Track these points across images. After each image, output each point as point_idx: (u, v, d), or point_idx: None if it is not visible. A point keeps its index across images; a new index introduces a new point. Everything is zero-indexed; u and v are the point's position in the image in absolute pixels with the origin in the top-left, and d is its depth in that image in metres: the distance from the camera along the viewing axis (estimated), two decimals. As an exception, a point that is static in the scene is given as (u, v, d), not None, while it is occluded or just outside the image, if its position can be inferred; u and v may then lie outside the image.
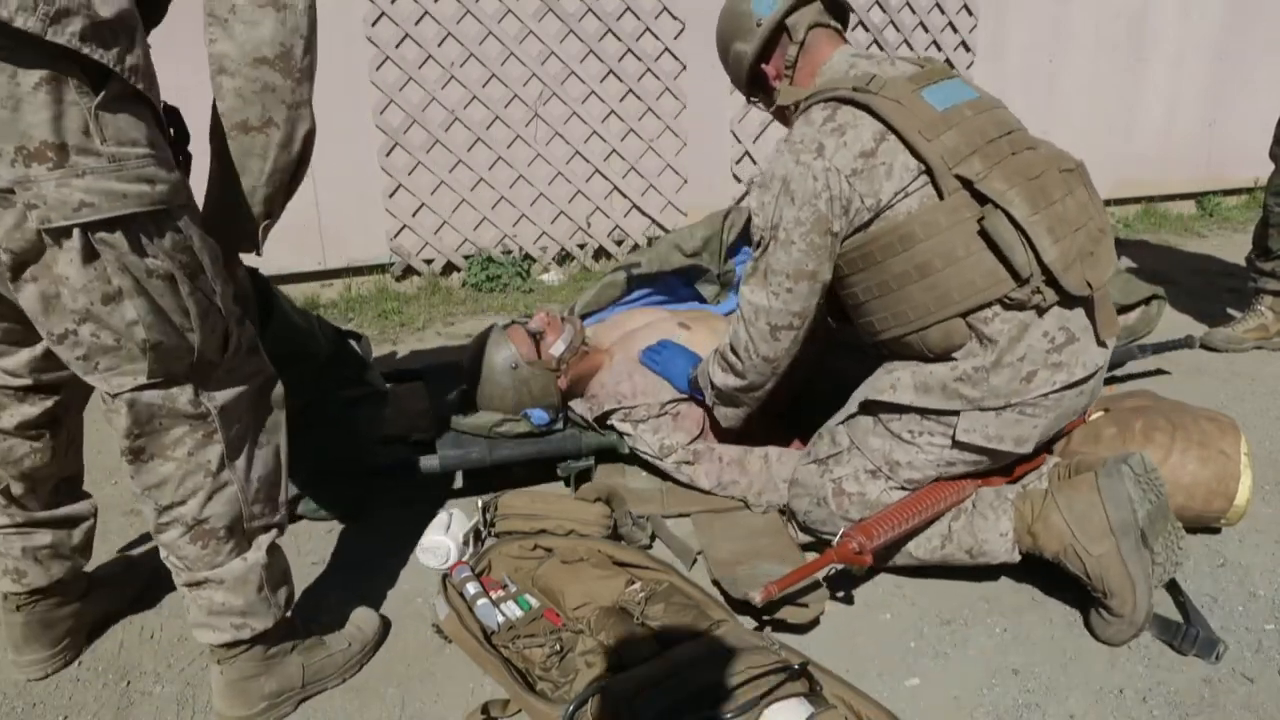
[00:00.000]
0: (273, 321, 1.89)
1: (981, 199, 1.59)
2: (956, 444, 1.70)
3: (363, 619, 1.68)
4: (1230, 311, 3.39)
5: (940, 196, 1.61)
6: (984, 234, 1.58)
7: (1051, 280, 1.59)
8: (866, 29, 4.35)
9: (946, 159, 1.60)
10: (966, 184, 1.60)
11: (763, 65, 1.87)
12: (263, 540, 1.43)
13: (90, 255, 1.10)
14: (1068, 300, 1.63)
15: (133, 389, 1.22)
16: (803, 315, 1.78)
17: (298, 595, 1.84)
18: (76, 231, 1.08)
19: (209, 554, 1.36)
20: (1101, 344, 1.69)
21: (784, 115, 1.91)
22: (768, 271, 1.75)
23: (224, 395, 1.32)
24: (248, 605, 1.41)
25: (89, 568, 1.69)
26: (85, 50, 1.03)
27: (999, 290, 1.60)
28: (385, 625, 1.71)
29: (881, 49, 4.40)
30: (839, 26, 1.88)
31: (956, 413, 1.68)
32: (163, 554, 1.40)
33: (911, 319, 1.68)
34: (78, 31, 1.01)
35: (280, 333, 1.89)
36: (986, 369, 1.64)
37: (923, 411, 1.71)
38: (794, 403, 2.28)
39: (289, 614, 1.51)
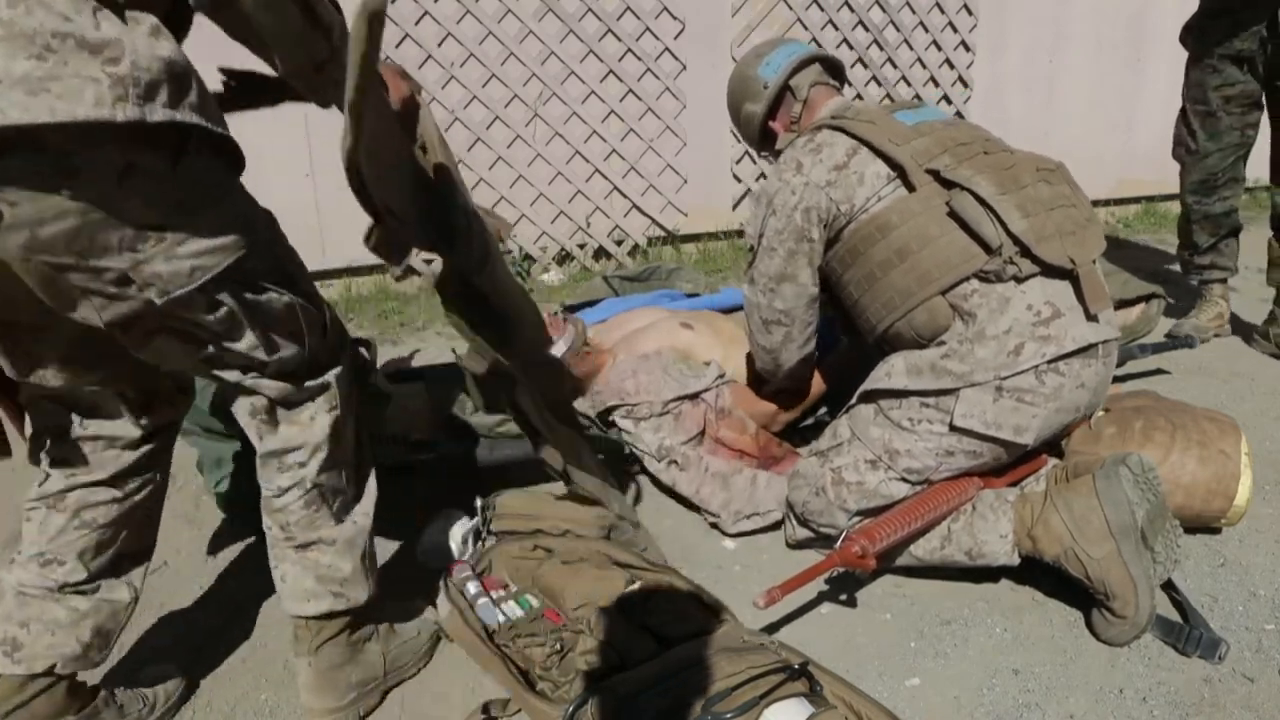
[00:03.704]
0: None
1: (950, 185, 1.71)
2: (954, 429, 1.71)
3: (425, 609, 1.70)
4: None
5: (912, 190, 1.74)
6: (954, 214, 1.69)
7: (1027, 252, 1.66)
8: (867, 28, 4.35)
9: (917, 158, 1.74)
10: (936, 175, 1.73)
11: (771, 122, 2.10)
12: (367, 508, 1.50)
13: (214, 306, 1.18)
14: (1050, 273, 1.69)
15: (255, 379, 1.32)
16: (789, 314, 1.96)
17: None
18: (196, 294, 1.15)
19: (320, 517, 1.42)
20: (1093, 319, 1.70)
21: None
22: (756, 274, 1.96)
23: (336, 370, 1.41)
24: (352, 571, 1.45)
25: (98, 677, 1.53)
26: (179, 117, 1.04)
27: (973, 265, 1.69)
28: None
29: (881, 48, 4.40)
30: (836, 84, 2.08)
31: (951, 393, 1.70)
32: (268, 524, 1.43)
33: (898, 304, 1.77)
34: (166, 100, 1.03)
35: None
36: (970, 340, 1.69)
37: (919, 394, 1.74)
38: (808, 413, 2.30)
39: (375, 592, 1.52)
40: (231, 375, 1.30)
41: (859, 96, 4.38)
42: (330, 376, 1.39)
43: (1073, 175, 1.86)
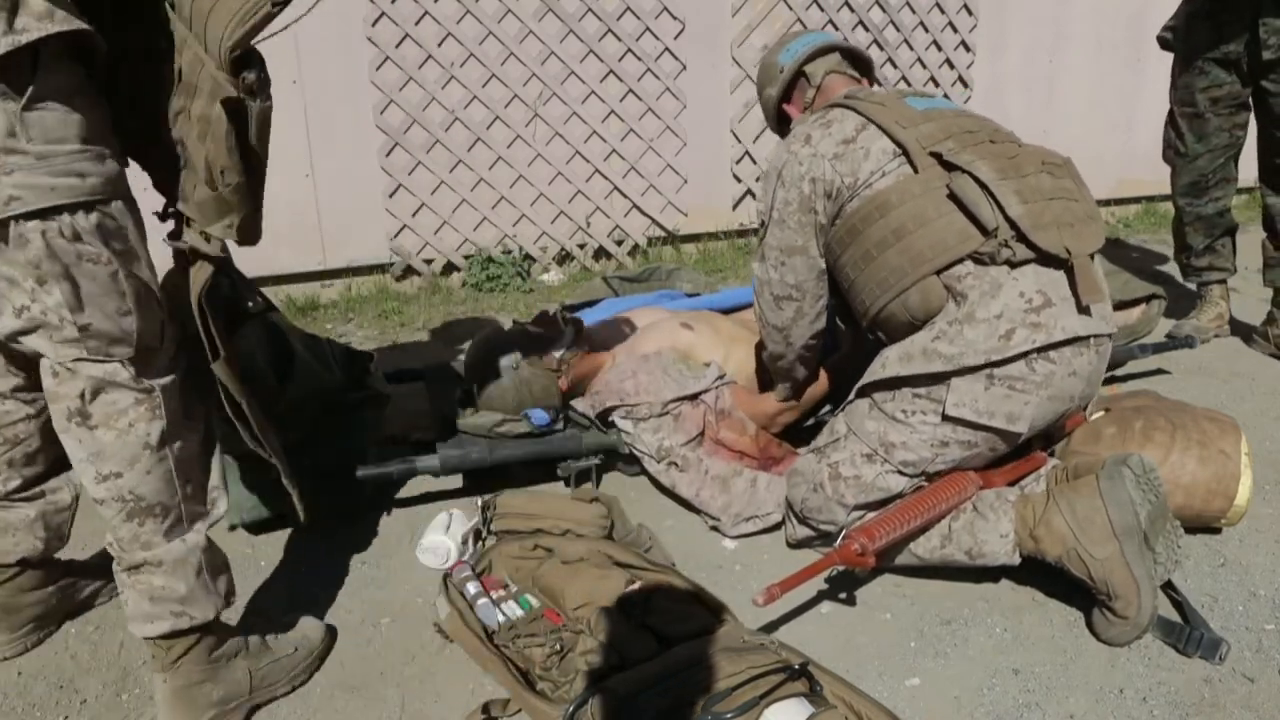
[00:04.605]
0: (295, 369, 1.95)
1: (952, 169, 1.72)
2: (947, 419, 1.72)
3: (308, 626, 1.66)
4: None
5: (915, 171, 1.75)
6: (953, 196, 1.70)
7: (1023, 238, 1.67)
8: (867, 28, 4.35)
9: (921, 141, 1.76)
10: (938, 158, 1.74)
11: (785, 105, 2.14)
12: (200, 526, 1.45)
13: (22, 242, 1.21)
14: (1045, 261, 1.69)
15: (76, 359, 1.30)
16: (800, 288, 1.94)
17: (299, 595, 1.85)
18: (11, 223, 1.20)
19: (145, 533, 1.38)
20: (1084, 311, 1.70)
21: None
22: (766, 249, 1.95)
23: (164, 379, 1.39)
24: (188, 591, 1.41)
25: (66, 555, 1.74)
26: (23, 39, 1.13)
27: (968, 246, 1.70)
28: (331, 635, 1.69)
29: (881, 48, 4.40)
30: (857, 75, 2.09)
31: (943, 381, 1.70)
32: (107, 539, 1.41)
33: (892, 284, 1.77)
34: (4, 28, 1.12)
35: (302, 380, 1.96)
36: (960, 322, 1.70)
37: (911, 381, 1.75)
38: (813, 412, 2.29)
39: (229, 606, 1.49)
40: (49, 347, 1.28)
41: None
42: (157, 383, 1.37)
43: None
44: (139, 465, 1.36)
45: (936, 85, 4.58)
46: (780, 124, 2.19)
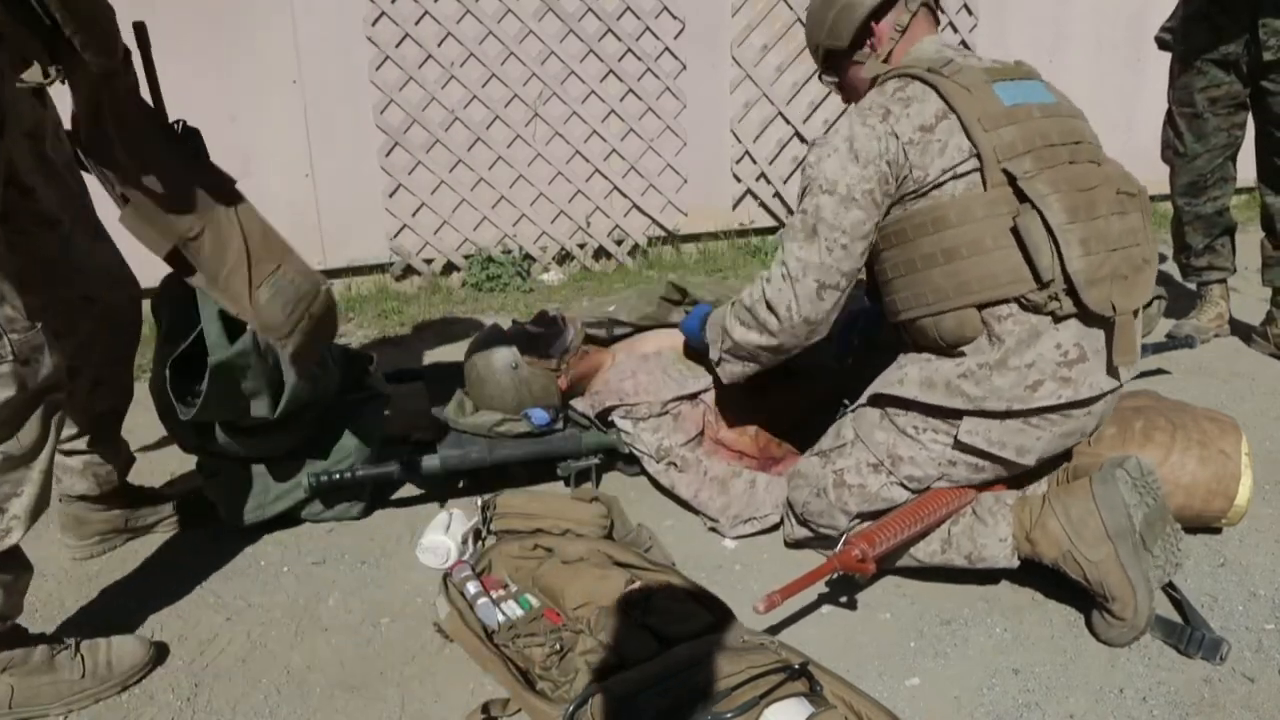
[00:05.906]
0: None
1: (1023, 197, 1.60)
2: (958, 445, 1.71)
3: (120, 652, 1.57)
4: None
5: (985, 187, 1.63)
6: (1015, 231, 1.60)
7: (1073, 291, 1.59)
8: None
9: (998, 152, 1.62)
10: (1011, 180, 1.61)
11: (874, 23, 1.82)
12: None
13: None
14: (1087, 317, 1.63)
15: None
16: (850, 277, 1.76)
17: (298, 595, 1.85)
18: None
19: None
20: (1113, 371, 1.68)
21: (850, 92, 1.92)
22: (822, 228, 1.71)
23: None
24: None
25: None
26: None
27: (1017, 289, 1.61)
28: (149, 663, 1.60)
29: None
30: (938, 16, 1.89)
31: (960, 414, 1.68)
32: None
33: (930, 301, 1.69)
34: None
35: (299, 388, 1.93)
36: (990, 366, 1.64)
37: (927, 409, 1.72)
38: (810, 415, 2.28)
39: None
40: None
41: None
42: None
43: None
44: None
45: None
46: (855, 43, 1.83)
